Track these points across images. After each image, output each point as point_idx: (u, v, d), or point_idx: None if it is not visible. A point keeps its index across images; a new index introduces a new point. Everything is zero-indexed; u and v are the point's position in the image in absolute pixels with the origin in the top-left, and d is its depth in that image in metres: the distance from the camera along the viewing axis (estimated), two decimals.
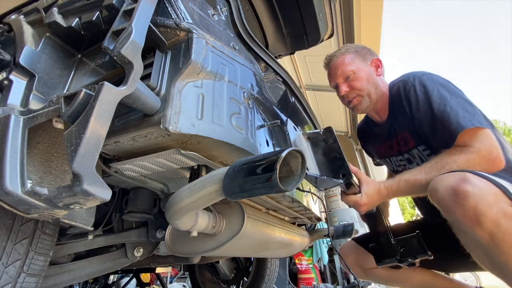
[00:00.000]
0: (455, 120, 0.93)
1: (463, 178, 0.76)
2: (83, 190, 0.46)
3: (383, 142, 1.30)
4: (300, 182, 0.61)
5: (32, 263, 0.73)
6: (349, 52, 1.24)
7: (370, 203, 0.99)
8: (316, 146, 0.96)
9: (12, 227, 0.70)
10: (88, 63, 0.80)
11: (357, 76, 1.19)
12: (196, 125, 0.64)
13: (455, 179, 0.78)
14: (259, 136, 0.84)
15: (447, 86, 1.03)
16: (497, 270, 0.77)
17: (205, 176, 0.67)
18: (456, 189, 0.75)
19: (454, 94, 1.00)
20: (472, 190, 0.73)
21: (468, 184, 0.74)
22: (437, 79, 1.05)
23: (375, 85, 1.20)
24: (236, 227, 0.85)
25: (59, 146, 0.68)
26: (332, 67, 1.26)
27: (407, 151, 1.19)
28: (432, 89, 1.01)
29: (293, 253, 1.45)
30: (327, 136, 0.93)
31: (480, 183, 0.75)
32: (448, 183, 0.78)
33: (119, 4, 0.64)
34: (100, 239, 1.08)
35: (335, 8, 2.26)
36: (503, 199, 0.73)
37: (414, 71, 1.13)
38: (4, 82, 0.69)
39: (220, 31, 0.84)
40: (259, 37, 1.75)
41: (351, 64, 1.21)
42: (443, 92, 1.00)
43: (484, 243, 0.73)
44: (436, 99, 0.99)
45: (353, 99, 1.21)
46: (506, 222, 0.69)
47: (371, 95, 1.19)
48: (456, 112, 0.94)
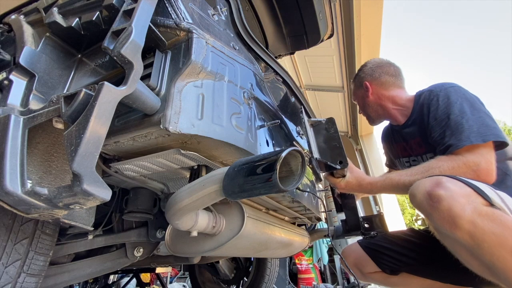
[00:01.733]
0: (466, 134, 0.95)
1: (437, 182, 0.79)
2: (83, 190, 0.46)
3: (398, 142, 1.38)
4: (300, 182, 0.61)
5: (32, 263, 0.73)
6: (352, 85, 1.50)
7: (347, 189, 1.10)
8: (318, 133, 1.04)
9: (12, 227, 0.70)
10: (88, 63, 0.80)
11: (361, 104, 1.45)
12: (196, 125, 0.64)
13: (430, 183, 0.80)
14: (259, 136, 0.84)
15: (471, 101, 1.03)
16: (487, 271, 0.77)
17: (205, 176, 0.67)
18: (430, 193, 0.78)
19: (476, 109, 1.01)
20: (445, 193, 0.75)
21: (441, 187, 0.77)
22: (463, 93, 1.06)
23: (376, 104, 1.36)
24: (236, 227, 0.85)
25: (59, 146, 0.68)
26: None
27: (417, 155, 1.25)
28: (455, 101, 1.03)
29: (293, 253, 1.45)
30: (329, 126, 1.03)
31: (453, 185, 0.77)
32: (424, 188, 0.81)
33: (119, 4, 0.64)
34: (100, 239, 1.08)
35: (335, 8, 2.27)
36: (477, 199, 0.75)
37: (444, 82, 1.16)
38: (4, 82, 0.69)
39: (220, 31, 0.84)
40: (259, 37, 1.75)
41: (353, 97, 1.49)
42: (465, 106, 1.01)
43: (466, 244, 0.74)
44: (455, 111, 1.01)
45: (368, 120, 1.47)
46: (482, 221, 0.71)
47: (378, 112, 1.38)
48: (471, 127, 0.95)
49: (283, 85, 1.21)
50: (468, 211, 0.72)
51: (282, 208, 1.16)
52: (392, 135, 1.45)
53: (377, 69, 1.37)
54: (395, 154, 1.45)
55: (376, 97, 1.35)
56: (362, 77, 1.42)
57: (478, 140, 0.93)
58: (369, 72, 1.39)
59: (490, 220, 0.72)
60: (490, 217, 0.72)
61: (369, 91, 1.38)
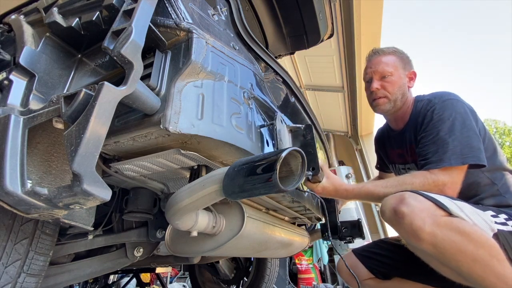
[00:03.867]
0: (448, 155, 0.99)
1: (400, 199, 0.84)
2: (83, 190, 0.46)
3: (395, 148, 1.36)
4: (300, 182, 0.61)
5: (32, 263, 0.73)
6: (395, 55, 1.28)
7: (324, 194, 1.11)
8: (296, 139, 1.04)
9: (12, 227, 0.70)
10: (88, 63, 0.80)
11: (392, 79, 1.24)
12: (196, 125, 0.64)
13: (394, 200, 0.86)
14: (259, 136, 0.84)
15: (464, 117, 1.05)
16: (460, 277, 0.81)
17: (205, 176, 0.67)
18: (395, 210, 0.84)
19: (466, 127, 1.03)
20: (407, 209, 0.81)
21: (404, 204, 0.83)
22: (459, 108, 1.07)
23: (402, 94, 1.24)
24: (236, 227, 0.85)
25: (59, 146, 0.68)
26: (374, 60, 1.29)
27: (412, 162, 1.25)
28: (448, 117, 1.05)
29: (293, 253, 1.45)
30: (306, 132, 1.03)
31: (414, 201, 0.82)
32: (390, 205, 0.87)
33: (119, 4, 0.64)
34: (100, 239, 1.08)
35: (335, 8, 2.27)
36: (437, 212, 0.81)
37: (444, 92, 1.16)
38: (4, 82, 0.69)
39: (220, 31, 0.84)
40: (259, 37, 1.75)
41: (392, 66, 1.25)
42: (456, 124, 1.03)
43: (432, 254, 0.79)
44: (445, 128, 1.04)
45: (379, 99, 1.26)
46: (441, 231, 0.77)
47: (396, 101, 1.24)
48: (455, 148, 0.99)
49: (283, 85, 1.21)
50: (428, 224, 0.78)
51: (282, 208, 1.16)
52: (389, 140, 1.42)
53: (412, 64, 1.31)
54: (390, 159, 1.44)
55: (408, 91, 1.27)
56: (411, 63, 1.30)
57: (457, 162, 0.97)
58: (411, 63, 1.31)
59: (449, 229, 0.77)
60: (448, 226, 0.78)
61: (413, 80, 1.29)
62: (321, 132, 1.65)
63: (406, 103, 1.25)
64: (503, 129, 19.30)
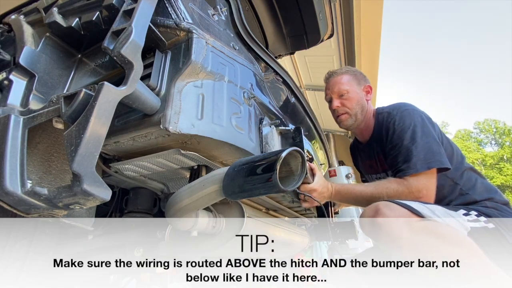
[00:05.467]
0: (413, 161, 1.05)
1: (376, 210, 0.87)
2: (83, 190, 0.46)
3: (365, 160, 1.43)
4: (300, 182, 0.61)
5: None
6: (348, 74, 1.38)
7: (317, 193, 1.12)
8: (285, 142, 1.05)
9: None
10: (88, 63, 0.80)
11: (349, 96, 1.33)
12: (196, 125, 0.64)
13: (371, 212, 0.89)
14: (259, 136, 0.84)
15: (422, 125, 1.13)
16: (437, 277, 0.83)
17: (205, 176, 0.67)
18: (372, 222, 0.87)
19: (425, 134, 1.11)
20: (383, 220, 0.84)
21: (379, 214, 0.86)
22: (416, 117, 1.16)
23: (362, 107, 1.33)
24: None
25: (59, 146, 0.68)
26: (331, 82, 1.39)
27: (382, 171, 1.32)
28: (408, 126, 1.13)
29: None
30: (295, 135, 1.03)
31: (389, 210, 0.86)
32: (367, 218, 0.90)
33: (119, 4, 0.64)
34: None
35: (335, 8, 2.26)
36: (410, 217, 0.85)
37: (400, 103, 1.26)
38: (4, 82, 0.69)
39: (220, 31, 0.84)
40: (259, 37, 1.75)
41: (347, 84, 1.35)
42: (417, 131, 1.11)
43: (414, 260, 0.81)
44: (407, 137, 1.11)
45: (341, 115, 1.35)
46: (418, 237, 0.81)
47: (357, 115, 1.33)
48: (418, 154, 1.06)
49: (283, 85, 1.21)
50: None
51: (282, 208, 1.16)
52: (359, 152, 1.49)
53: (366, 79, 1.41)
54: (366, 170, 1.49)
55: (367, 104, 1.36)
56: (365, 78, 1.40)
57: (423, 167, 1.03)
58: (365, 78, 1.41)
59: (425, 233, 0.82)
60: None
61: (370, 93, 1.38)
62: (321, 132, 1.65)
63: (367, 115, 1.33)
64: (503, 129, 19.31)
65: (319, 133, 1.60)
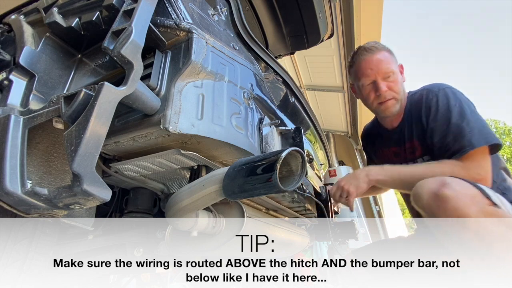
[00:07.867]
0: (468, 137, 0.95)
1: (442, 183, 0.79)
2: (83, 190, 0.46)
3: (391, 147, 1.29)
4: (300, 182, 0.61)
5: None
6: (386, 50, 1.17)
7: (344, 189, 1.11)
8: (285, 142, 1.04)
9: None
10: (88, 63, 0.80)
11: (395, 78, 1.14)
12: (196, 125, 0.64)
13: (436, 184, 0.81)
14: (259, 136, 0.84)
15: (468, 103, 1.04)
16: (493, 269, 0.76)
17: (205, 176, 0.67)
18: (437, 194, 0.79)
19: (474, 112, 1.01)
20: (452, 193, 0.76)
21: (448, 188, 0.78)
22: (459, 95, 1.05)
23: (404, 91, 1.17)
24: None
25: (59, 146, 0.68)
26: (370, 60, 1.14)
27: (413, 159, 1.19)
28: (454, 104, 1.02)
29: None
30: (296, 135, 1.02)
31: (459, 186, 0.78)
32: (429, 189, 0.81)
33: (119, 4, 0.64)
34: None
35: (335, 8, 2.26)
36: (482, 199, 0.77)
37: (439, 83, 1.12)
38: (4, 82, 0.69)
39: (220, 31, 0.84)
40: (259, 37, 1.75)
41: (391, 64, 1.14)
42: (465, 108, 1.01)
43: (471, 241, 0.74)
44: (455, 114, 1.00)
45: (388, 100, 1.14)
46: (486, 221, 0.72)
47: (402, 100, 1.16)
48: (472, 130, 0.96)
49: (283, 85, 1.21)
50: (474, 211, 0.73)
51: (282, 208, 1.16)
52: (381, 139, 1.36)
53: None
54: (388, 158, 1.35)
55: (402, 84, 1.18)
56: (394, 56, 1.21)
57: (481, 143, 0.93)
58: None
59: (496, 220, 0.73)
60: (495, 216, 0.73)
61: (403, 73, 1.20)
62: (321, 132, 1.65)
63: (404, 99, 1.18)
64: (503, 129, 19.31)
65: (319, 133, 1.60)
